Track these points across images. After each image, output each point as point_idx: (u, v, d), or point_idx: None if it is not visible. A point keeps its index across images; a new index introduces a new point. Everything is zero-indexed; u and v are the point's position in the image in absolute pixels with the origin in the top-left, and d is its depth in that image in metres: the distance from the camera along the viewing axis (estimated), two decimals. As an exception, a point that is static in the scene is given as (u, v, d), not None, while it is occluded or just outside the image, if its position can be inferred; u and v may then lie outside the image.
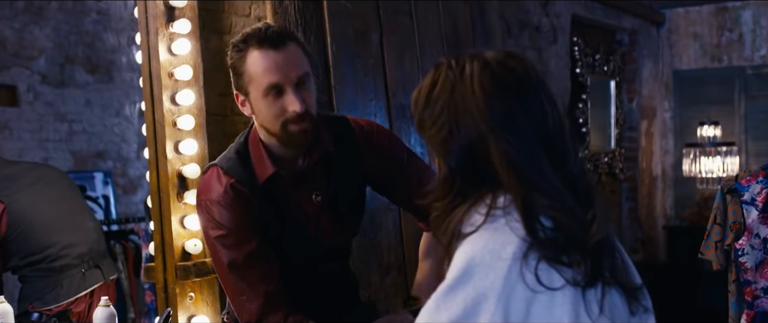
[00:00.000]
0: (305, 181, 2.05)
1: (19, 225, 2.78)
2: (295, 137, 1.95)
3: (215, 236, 1.96)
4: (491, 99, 1.29)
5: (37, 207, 2.84)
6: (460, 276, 1.24)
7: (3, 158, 2.98)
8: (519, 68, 1.34)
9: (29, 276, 2.80)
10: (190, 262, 2.60)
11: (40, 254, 2.79)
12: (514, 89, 1.31)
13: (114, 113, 4.94)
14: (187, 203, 2.62)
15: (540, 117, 1.31)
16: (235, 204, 1.96)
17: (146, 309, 3.57)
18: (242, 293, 1.94)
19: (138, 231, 3.97)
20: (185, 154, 2.65)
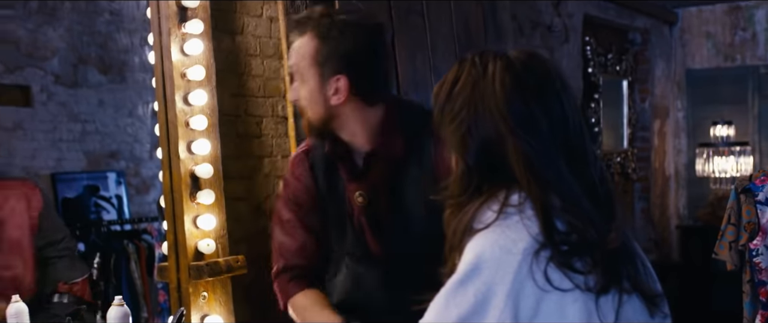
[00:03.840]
0: (356, 175, 1.97)
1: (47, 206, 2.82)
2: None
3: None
4: (512, 99, 1.29)
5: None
6: (469, 271, 1.24)
7: None
8: (542, 69, 1.34)
9: (52, 256, 2.82)
10: (203, 262, 2.60)
11: (61, 234, 2.82)
12: (536, 90, 1.31)
13: (127, 113, 4.96)
14: (200, 203, 2.63)
15: (560, 119, 1.31)
16: (294, 169, 2.09)
17: (159, 309, 3.58)
18: (273, 249, 2.17)
19: (151, 231, 3.98)
20: (198, 154, 2.66)
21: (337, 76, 1.87)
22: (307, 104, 1.94)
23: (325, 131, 1.96)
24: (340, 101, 1.88)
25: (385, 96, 1.96)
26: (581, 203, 1.28)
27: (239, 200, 2.98)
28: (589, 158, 1.33)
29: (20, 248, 2.73)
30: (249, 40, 3.08)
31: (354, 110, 1.90)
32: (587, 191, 1.30)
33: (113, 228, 4.30)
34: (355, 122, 1.92)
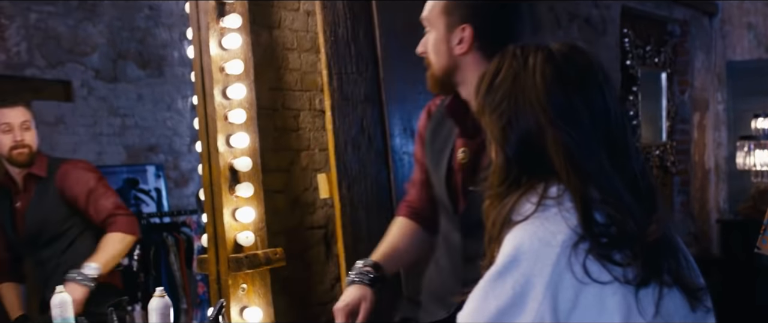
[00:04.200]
0: (466, 132, 1.96)
1: None
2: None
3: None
4: (553, 91, 1.30)
5: None
6: (508, 263, 1.25)
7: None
8: (583, 62, 1.34)
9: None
10: (242, 254, 2.63)
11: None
12: (577, 83, 1.31)
13: (165, 107, 5.01)
14: (239, 196, 2.66)
15: (602, 112, 1.30)
16: (423, 122, 2.15)
17: (198, 301, 3.62)
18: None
19: (190, 223, 4.02)
20: (236, 147, 2.68)
21: (463, 25, 1.88)
22: (432, 54, 1.95)
23: (446, 83, 1.96)
24: (462, 50, 1.89)
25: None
26: (621, 195, 1.27)
27: (277, 193, 3.01)
28: (630, 151, 1.33)
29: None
30: (286, 34, 3.10)
31: (475, 63, 1.88)
32: (628, 184, 1.29)
33: (152, 221, 4.34)
34: (474, 74, 1.88)
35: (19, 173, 2.83)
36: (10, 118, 2.80)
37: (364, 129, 3.09)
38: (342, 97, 3.04)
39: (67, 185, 2.85)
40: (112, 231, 2.84)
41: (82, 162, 2.98)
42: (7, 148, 2.78)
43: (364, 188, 3.05)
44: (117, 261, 2.84)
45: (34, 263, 2.88)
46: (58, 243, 2.85)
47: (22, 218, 2.84)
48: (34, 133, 2.86)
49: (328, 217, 3.15)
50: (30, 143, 2.82)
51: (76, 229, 2.87)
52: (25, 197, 2.84)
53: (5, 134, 2.79)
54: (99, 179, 2.94)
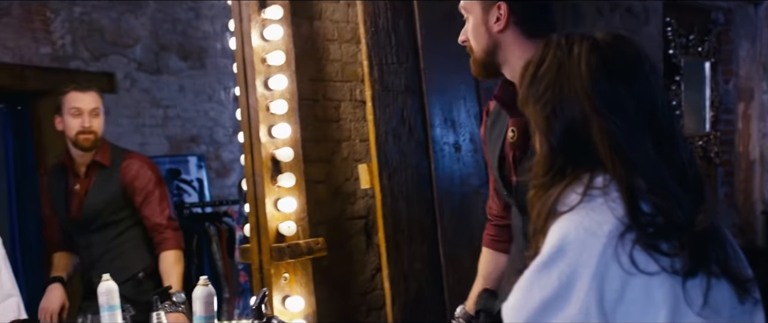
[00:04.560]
0: (514, 111, 1.96)
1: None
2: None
3: None
4: (598, 80, 1.29)
5: None
6: (553, 253, 1.24)
7: None
8: (628, 51, 1.33)
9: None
10: (285, 244, 2.65)
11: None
12: (622, 71, 1.30)
13: (206, 98, 5.06)
14: (281, 186, 2.68)
15: (647, 101, 1.29)
16: (483, 124, 2.18)
17: (240, 290, 3.66)
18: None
19: (231, 213, 4.06)
20: (278, 138, 2.70)
21: (498, 3, 1.90)
22: (473, 39, 1.96)
23: (489, 65, 1.97)
24: (500, 27, 1.91)
25: (547, 31, 1.95)
26: (668, 184, 1.26)
27: (318, 183, 3.03)
28: (677, 140, 1.32)
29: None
30: (327, 25, 3.11)
31: (515, 39, 1.91)
32: (675, 174, 1.28)
33: (195, 211, 4.40)
34: (514, 52, 1.92)
35: (83, 157, 2.89)
36: (82, 103, 2.85)
37: (404, 119, 3.09)
38: (382, 87, 3.04)
39: (130, 179, 2.91)
40: (168, 248, 2.90)
41: (146, 159, 3.03)
42: (75, 132, 2.84)
43: (404, 179, 3.06)
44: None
45: (81, 245, 2.94)
46: (109, 231, 2.91)
47: (78, 202, 2.89)
48: (101, 120, 2.91)
49: (368, 207, 3.16)
50: (96, 130, 2.87)
51: (129, 221, 2.93)
52: (85, 181, 2.90)
53: (74, 117, 2.84)
54: (159, 183, 2.99)
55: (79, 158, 2.89)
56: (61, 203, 2.91)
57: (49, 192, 2.94)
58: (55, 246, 2.94)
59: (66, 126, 2.86)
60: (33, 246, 4.16)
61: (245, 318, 2.99)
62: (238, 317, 3.41)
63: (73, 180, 2.91)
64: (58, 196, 2.91)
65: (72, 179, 2.91)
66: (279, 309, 2.63)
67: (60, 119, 2.89)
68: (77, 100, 2.84)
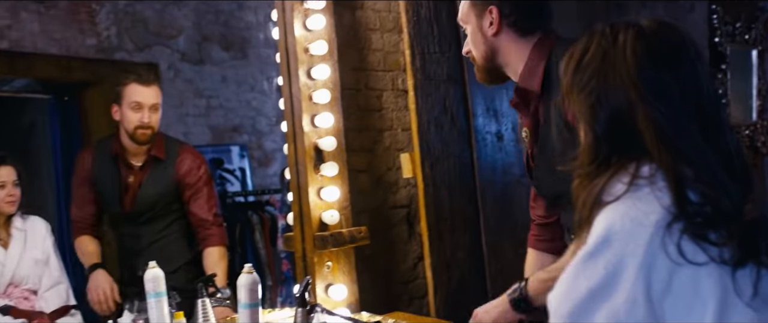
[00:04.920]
0: (523, 111, 1.99)
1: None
2: None
3: None
4: (644, 68, 1.27)
5: None
6: (599, 244, 1.23)
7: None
8: (674, 38, 1.31)
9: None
10: (328, 232, 2.67)
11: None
12: (668, 59, 1.28)
13: (248, 88, 5.11)
14: (324, 175, 2.69)
15: (693, 89, 1.27)
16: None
17: (283, 277, 3.70)
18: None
19: (273, 202, 4.10)
20: (321, 127, 2.72)
21: (489, 8, 1.93)
22: (473, 47, 1.99)
23: (493, 71, 1.98)
24: (494, 30, 1.93)
25: (542, 27, 1.95)
26: (715, 173, 1.24)
27: (360, 172, 3.04)
28: (723, 128, 1.29)
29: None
30: (369, 14, 3.11)
31: (510, 41, 1.93)
32: (722, 162, 1.26)
33: (237, 200, 4.45)
34: (511, 53, 1.94)
35: (138, 149, 2.90)
36: (143, 97, 2.83)
37: (446, 109, 3.09)
38: (425, 76, 3.04)
39: (182, 174, 2.93)
40: (213, 245, 2.93)
41: (198, 154, 3.04)
42: (134, 126, 2.83)
43: (446, 168, 3.06)
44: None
45: (127, 235, 2.97)
46: (158, 223, 2.94)
47: (132, 194, 2.91)
48: (159, 114, 2.90)
49: (410, 196, 3.16)
50: (154, 125, 2.87)
51: (176, 214, 2.96)
52: (139, 174, 2.92)
53: (135, 112, 2.83)
54: (209, 179, 3.02)
55: (133, 150, 2.90)
56: (113, 193, 2.92)
57: (96, 179, 2.94)
58: (83, 229, 2.95)
59: (124, 118, 2.85)
60: (80, 235, 4.24)
61: (288, 306, 3.01)
62: (280, 305, 3.44)
63: (127, 172, 2.92)
64: (109, 186, 2.92)
65: (125, 171, 2.92)
66: (322, 297, 2.65)
67: (117, 109, 2.87)
68: (139, 94, 2.83)
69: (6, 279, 2.76)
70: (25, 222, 2.87)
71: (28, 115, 5.38)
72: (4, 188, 2.77)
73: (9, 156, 2.86)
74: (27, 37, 4.17)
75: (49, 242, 2.90)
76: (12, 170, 2.81)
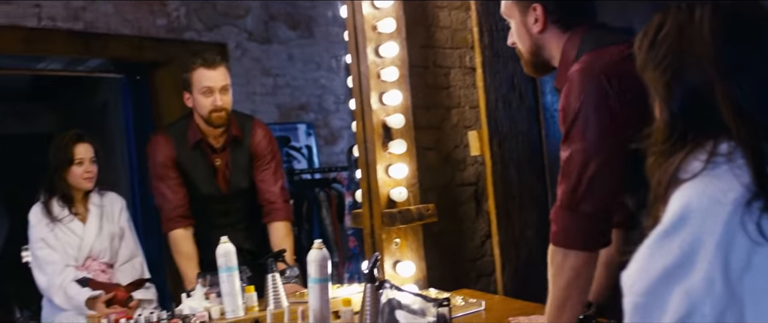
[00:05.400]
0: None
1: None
2: None
3: None
4: (722, 44, 1.25)
5: None
6: (675, 221, 1.21)
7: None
8: (752, 12, 1.28)
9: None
10: (396, 209, 2.68)
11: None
12: (746, 33, 1.26)
13: (315, 67, 5.13)
14: (392, 153, 2.70)
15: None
16: None
17: (350, 254, 3.72)
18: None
19: (340, 180, 4.13)
20: (389, 105, 2.73)
21: (534, 6, 1.93)
22: (517, 41, 2.00)
23: (539, 64, 1.99)
24: (539, 28, 1.93)
25: (586, 21, 1.93)
26: None
27: (428, 150, 3.04)
28: None
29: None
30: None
31: (555, 37, 1.93)
32: None
33: (304, 177, 4.49)
34: (557, 49, 1.94)
35: (216, 132, 2.95)
36: (212, 81, 2.87)
37: (514, 86, 3.07)
38: (493, 53, 3.02)
39: (253, 147, 2.99)
40: (278, 220, 2.97)
41: (268, 128, 3.10)
42: (208, 111, 2.87)
43: (514, 146, 3.04)
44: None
45: (217, 213, 3.02)
46: (245, 196, 3.02)
47: (223, 175, 2.98)
48: (230, 94, 2.94)
49: (478, 174, 3.16)
50: (227, 107, 2.90)
51: (253, 188, 3.02)
52: (223, 155, 2.98)
53: (206, 96, 2.87)
54: (276, 153, 3.06)
55: (212, 133, 2.95)
56: (207, 179, 2.97)
57: (182, 165, 2.97)
58: (176, 219, 2.96)
59: (197, 104, 2.89)
60: (152, 210, 4.34)
61: (356, 282, 3.05)
62: (347, 281, 3.47)
63: (212, 155, 2.97)
64: (201, 172, 2.97)
65: (210, 154, 2.98)
66: (390, 274, 2.67)
67: (189, 96, 2.92)
68: (207, 78, 2.86)
69: (84, 252, 2.85)
70: (102, 198, 2.95)
71: (101, 94, 5.52)
72: (82, 165, 2.85)
73: (86, 134, 2.94)
74: (101, 18, 4.26)
75: (125, 217, 2.98)
76: (89, 147, 2.88)
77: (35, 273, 2.83)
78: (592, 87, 1.73)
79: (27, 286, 2.99)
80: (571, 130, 1.75)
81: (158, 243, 4.20)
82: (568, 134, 1.77)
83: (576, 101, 1.74)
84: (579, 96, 1.73)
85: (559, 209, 1.78)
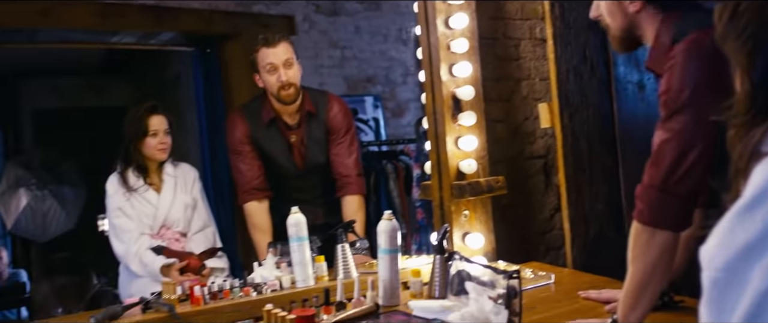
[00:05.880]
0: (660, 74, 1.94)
1: None
2: None
3: None
4: None
5: None
6: (757, 195, 1.18)
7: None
8: None
9: None
10: (465, 181, 2.68)
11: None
12: None
13: (382, 39, 5.13)
14: (461, 125, 2.69)
15: None
16: None
17: (417, 226, 3.73)
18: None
19: (408, 152, 4.13)
20: (459, 76, 2.71)
21: None
22: (608, 17, 1.96)
23: (627, 41, 1.96)
24: (636, 8, 1.89)
25: (682, 2, 1.88)
26: None
27: (497, 122, 3.02)
28: None
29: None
30: (507, -39, 3.06)
31: (651, 17, 1.89)
32: None
33: (371, 149, 4.52)
34: (652, 28, 1.90)
35: (289, 108, 2.98)
36: (274, 58, 2.90)
37: (586, 58, 3.02)
38: (564, 25, 2.97)
39: (329, 121, 3.03)
40: (351, 193, 3.02)
41: (343, 102, 3.13)
42: (276, 88, 2.91)
43: (585, 118, 3.00)
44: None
45: (294, 188, 3.07)
46: (321, 171, 3.07)
47: (299, 152, 3.03)
48: (297, 68, 2.95)
49: (548, 147, 3.13)
50: (294, 81, 2.93)
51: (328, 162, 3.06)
52: (299, 131, 3.02)
53: (271, 74, 2.90)
54: (351, 127, 3.09)
55: (285, 111, 2.99)
56: (282, 155, 3.02)
57: (258, 144, 3.02)
58: (251, 192, 3.01)
59: (266, 83, 2.93)
60: (223, 180, 4.42)
61: (424, 254, 3.06)
62: (415, 253, 3.49)
63: (287, 132, 3.02)
64: (277, 150, 3.02)
65: (286, 132, 3.02)
66: (459, 245, 2.67)
67: (258, 77, 2.96)
68: (269, 56, 2.90)
69: (159, 221, 2.92)
70: (176, 169, 3.01)
71: (173, 67, 5.63)
72: (156, 136, 2.91)
73: (160, 106, 3.00)
74: (172, -9, 4.33)
75: (198, 187, 3.04)
76: (164, 118, 2.95)
77: (112, 241, 2.92)
78: (700, 69, 1.69)
79: (103, 254, 3.09)
80: (674, 113, 1.71)
81: (230, 213, 4.29)
82: (670, 116, 1.72)
83: (682, 83, 1.70)
84: (686, 79, 1.69)
85: (649, 188, 1.75)
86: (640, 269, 1.75)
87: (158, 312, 2.26)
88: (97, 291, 4.69)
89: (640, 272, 1.75)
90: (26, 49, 5.08)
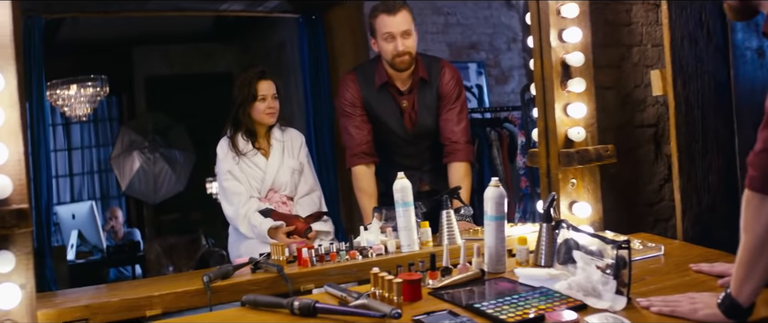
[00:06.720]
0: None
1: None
2: None
3: None
4: None
5: None
6: None
7: None
8: None
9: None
10: (573, 149, 2.63)
11: None
12: None
13: (486, 5, 5.07)
14: (570, 92, 2.64)
15: None
16: None
17: (521, 195, 3.71)
18: None
19: (513, 120, 4.09)
20: (569, 42, 2.66)
21: None
22: None
23: (744, 10, 1.87)
24: None
25: None
26: None
27: (606, 89, 2.95)
28: None
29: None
30: (619, -77, 2.96)
31: None
32: None
33: (474, 116, 4.49)
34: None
35: (401, 75, 3.00)
36: (392, 27, 2.90)
37: (702, 22, 2.90)
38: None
39: (442, 87, 3.03)
40: (459, 160, 3.02)
41: (455, 69, 3.12)
42: (391, 55, 2.93)
43: (700, 86, 2.89)
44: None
45: (404, 154, 3.11)
46: (430, 137, 3.09)
47: (409, 117, 3.05)
48: (414, 37, 2.96)
49: (658, 115, 3.04)
50: (411, 50, 2.94)
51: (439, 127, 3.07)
52: (410, 97, 3.04)
53: (388, 42, 2.92)
54: (461, 94, 3.08)
55: (398, 77, 3.01)
56: (393, 120, 3.04)
57: (369, 106, 3.05)
58: (359, 155, 3.04)
59: (381, 49, 2.95)
60: (327, 145, 4.49)
61: (528, 222, 3.03)
62: (519, 221, 3.46)
63: (399, 98, 3.04)
64: (388, 113, 3.04)
65: (398, 97, 3.04)
66: (565, 214, 2.63)
67: (374, 41, 2.98)
68: (388, 24, 2.90)
69: (267, 185, 2.99)
70: (284, 134, 3.07)
71: (278, 34, 5.72)
72: (264, 101, 2.97)
73: (269, 71, 3.05)
74: (279, -41, 4.38)
75: (304, 152, 3.09)
76: (271, 84, 3.00)
77: (222, 203, 3.00)
78: None
79: (212, 216, 3.19)
80: None
81: (334, 177, 4.35)
82: None
83: None
84: None
85: (762, 153, 1.68)
86: (752, 238, 1.68)
87: (267, 272, 2.32)
88: (206, 251, 4.85)
89: (752, 241, 1.68)
90: (138, 17, 5.26)
